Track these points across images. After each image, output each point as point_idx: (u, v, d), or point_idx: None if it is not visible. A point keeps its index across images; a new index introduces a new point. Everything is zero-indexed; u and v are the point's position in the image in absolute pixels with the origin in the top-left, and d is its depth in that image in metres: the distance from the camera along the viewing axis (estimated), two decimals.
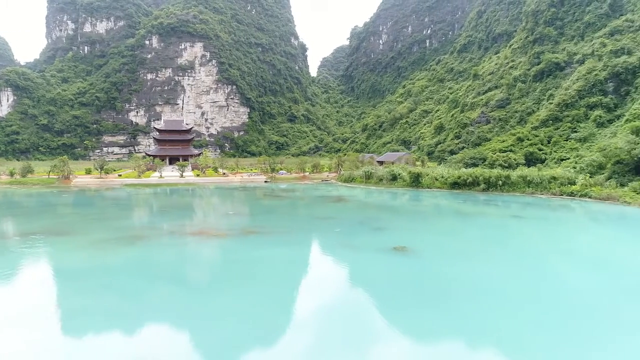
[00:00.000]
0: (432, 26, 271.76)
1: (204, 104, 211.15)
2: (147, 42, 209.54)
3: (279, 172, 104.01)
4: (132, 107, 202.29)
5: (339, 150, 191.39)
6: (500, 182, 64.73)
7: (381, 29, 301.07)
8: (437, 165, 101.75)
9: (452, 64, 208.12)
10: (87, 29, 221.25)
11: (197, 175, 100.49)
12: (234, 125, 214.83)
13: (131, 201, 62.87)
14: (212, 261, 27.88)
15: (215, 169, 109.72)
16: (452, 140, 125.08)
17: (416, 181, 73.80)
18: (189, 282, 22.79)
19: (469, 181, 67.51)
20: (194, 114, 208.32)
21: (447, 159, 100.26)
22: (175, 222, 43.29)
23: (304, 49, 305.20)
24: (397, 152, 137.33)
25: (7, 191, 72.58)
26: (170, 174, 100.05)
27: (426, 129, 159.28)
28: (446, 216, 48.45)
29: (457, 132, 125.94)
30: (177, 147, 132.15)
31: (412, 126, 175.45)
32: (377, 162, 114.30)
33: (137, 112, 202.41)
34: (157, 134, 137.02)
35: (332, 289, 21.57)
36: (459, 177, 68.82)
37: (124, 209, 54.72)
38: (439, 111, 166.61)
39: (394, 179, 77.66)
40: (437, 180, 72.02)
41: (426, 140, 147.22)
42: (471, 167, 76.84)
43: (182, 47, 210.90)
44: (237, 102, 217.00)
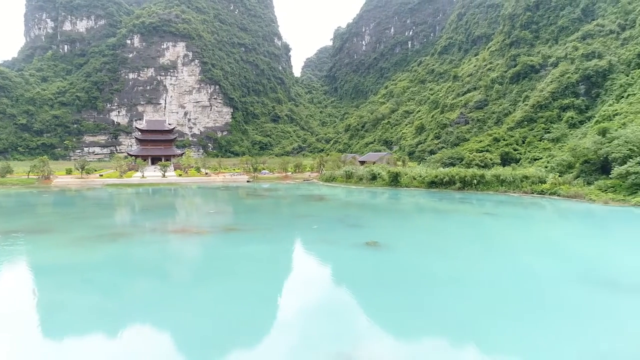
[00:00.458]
0: (414, 28, 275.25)
1: (186, 103, 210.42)
2: (128, 42, 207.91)
3: (262, 171, 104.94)
4: (114, 107, 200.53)
5: (322, 150, 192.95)
6: (475, 181, 66.92)
7: (364, 30, 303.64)
8: (418, 165, 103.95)
9: (433, 65, 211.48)
10: (67, 27, 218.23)
11: (180, 175, 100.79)
12: (217, 125, 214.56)
13: (113, 201, 63.20)
14: (194, 257, 28.90)
15: (197, 169, 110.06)
16: (432, 140, 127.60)
17: (395, 180, 75.59)
18: (170, 278, 23.79)
19: (445, 180, 69.56)
20: (177, 113, 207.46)
21: (426, 159, 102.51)
22: (157, 220, 44.07)
23: (287, 49, 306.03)
24: (379, 152, 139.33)
25: None
26: (152, 174, 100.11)
27: (407, 130, 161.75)
28: (421, 214, 50.23)
29: (437, 133, 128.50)
30: (160, 147, 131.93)
31: (394, 126, 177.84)
32: (359, 162, 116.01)
33: (118, 111, 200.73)
34: (139, 134, 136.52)
35: (307, 281, 22.87)
36: (436, 177, 70.85)
37: (106, 209, 55.14)
38: (420, 112, 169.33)
39: (374, 178, 79.37)
40: (415, 179, 73.97)
41: (407, 140, 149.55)
42: (449, 167, 78.90)
43: (165, 46, 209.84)
44: (220, 102, 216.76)
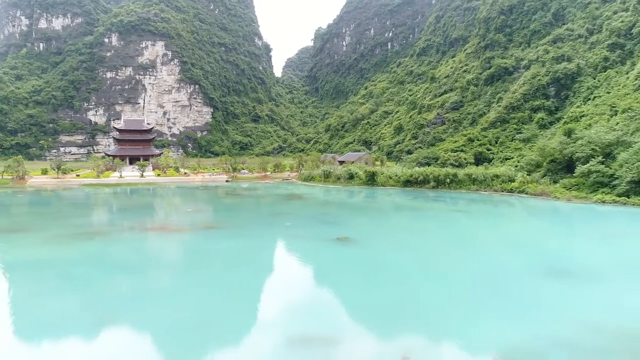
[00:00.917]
0: (394, 29, 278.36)
1: (165, 103, 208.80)
2: (106, 40, 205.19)
3: (241, 171, 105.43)
4: (91, 106, 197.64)
5: (303, 150, 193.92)
6: (448, 180, 68.97)
7: (344, 31, 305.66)
8: (395, 164, 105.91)
9: (412, 66, 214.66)
10: (43, 25, 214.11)
11: (158, 175, 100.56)
12: (197, 125, 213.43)
13: (90, 200, 63.11)
14: (172, 253, 29.68)
15: (176, 169, 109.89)
16: (409, 140, 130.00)
17: (371, 180, 77.17)
18: (148, 273, 24.56)
19: (420, 179, 71.44)
20: (156, 113, 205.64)
21: (403, 159, 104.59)
22: (135, 219, 44.50)
23: (268, 49, 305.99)
24: (358, 152, 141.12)
25: None
26: (130, 173, 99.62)
27: (386, 130, 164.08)
28: (393, 211, 51.83)
29: (414, 133, 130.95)
30: (138, 147, 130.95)
31: (373, 127, 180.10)
32: (338, 162, 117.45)
33: (96, 111, 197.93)
34: (117, 133, 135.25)
35: (276, 272, 24.03)
36: (411, 176, 72.68)
37: (83, 208, 55.17)
38: (398, 112, 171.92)
39: (351, 177, 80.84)
40: (391, 178, 75.67)
41: (386, 140, 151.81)
42: (424, 166, 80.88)
43: (143, 45, 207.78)
44: (200, 102, 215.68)
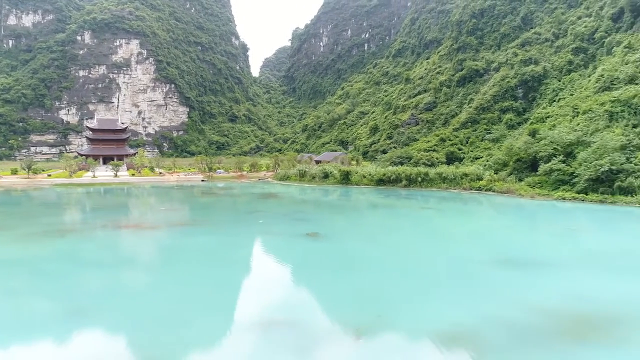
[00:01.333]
0: (370, 30, 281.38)
1: (140, 102, 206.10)
2: (79, 38, 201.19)
3: (217, 171, 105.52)
4: (63, 105, 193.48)
5: (280, 150, 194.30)
6: (419, 179, 70.95)
7: (322, 32, 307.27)
8: (370, 164, 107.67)
9: (388, 67, 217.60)
10: (12, 21, 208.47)
11: (133, 174, 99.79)
12: (172, 124, 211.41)
13: (62, 200, 62.55)
14: (144, 249, 30.23)
15: (151, 169, 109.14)
16: (384, 140, 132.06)
17: (346, 179, 78.61)
18: (120, 268, 25.10)
19: (392, 178, 73.22)
20: (130, 112, 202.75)
21: (378, 158, 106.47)
22: (108, 217, 44.57)
23: (245, 48, 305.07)
24: (335, 152, 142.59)
25: None
26: (104, 173, 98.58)
27: (362, 130, 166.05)
28: (365, 208, 53.28)
29: (389, 133, 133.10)
30: (112, 146, 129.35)
31: (350, 127, 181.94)
32: (315, 161, 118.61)
33: (68, 110, 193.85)
34: (90, 133, 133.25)
35: (247, 265, 24.97)
36: (384, 175, 74.42)
37: (54, 208, 54.79)
38: (374, 113, 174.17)
39: (326, 176, 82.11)
40: (365, 177, 77.26)
41: (362, 140, 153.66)
42: (398, 166, 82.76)
43: (117, 43, 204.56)
44: (175, 101, 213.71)
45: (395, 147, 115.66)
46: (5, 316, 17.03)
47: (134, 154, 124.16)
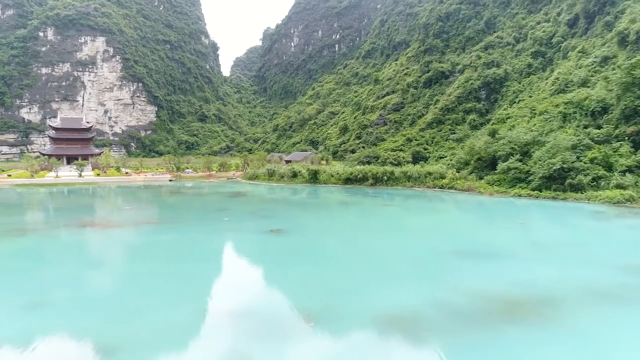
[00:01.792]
0: (341, 31, 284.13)
1: (107, 101, 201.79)
2: (41, 34, 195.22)
3: (185, 170, 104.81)
4: (24, 104, 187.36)
5: (251, 150, 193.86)
6: (385, 178, 72.76)
7: (292, 32, 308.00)
8: (340, 163, 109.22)
9: (358, 68, 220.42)
10: None
11: (98, 174, 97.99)
12: (140, 124, 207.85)
13: (23, 200, 61.13)
14: (107, 246, 30.28)
15: (117, 169, 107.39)
16: (354, 140, 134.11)
17: (314, 178, 79.70)
18: (81, 264, 25.24)
19: (359, 177, 74.78)
20: (96, 111, 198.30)
21: (346, 158, 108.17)
22: (71, 217, 44.05)
23: (215, 47, 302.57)
24: (305, 151, 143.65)
25: None
26: (67, 173, 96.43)
27: (332, 130, 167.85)
28: (330, 206, 54.46)
29: (358, 133, 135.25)
30: (76, 146, 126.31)
31: (320, 127, 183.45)
32: (285, 161, 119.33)
33: (30, 108, 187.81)
34: (54, 132, 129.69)
35: (209, 259, 25.55)
36: (351, 174, 75.90)
37: (14, 207, 53.58)
38: (344, 113, 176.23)
39: (294, 175, 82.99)
40: (333, 176, 78.56)
41: (332, 140, 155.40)
42: (365, 165, 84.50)
43: (82, 40, 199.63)
44: (143, 100, 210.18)
45: (364, 147, 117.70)
46: None
47: (100, 154, 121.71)
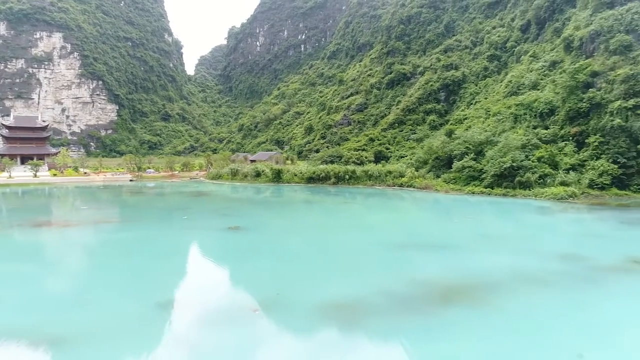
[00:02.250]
0: (307, 32, 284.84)
1: (64, 99, 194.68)
2: None
3: (147, 170, 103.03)
4: None
5: (216, 150, 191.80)
6: (347, 177, 74.17)
7: (258, 31, 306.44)
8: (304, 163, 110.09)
9: (323, 69, 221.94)
10: None
11: (55, 175, 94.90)
12: (100, 123, 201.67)
13: None
14: (60, 244, 29.90)
15: (75, 169, 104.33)
16: (318, 140, 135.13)
17: (277, 177, 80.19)
18: (32, 261, 24.97)
19: (322, 176, 75.87)
20: (53, 110, 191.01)
21: (310, 157, 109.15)
22: (24, 216, 42.90)
23: (178, 46, 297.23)
24: (270, 151, 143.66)
25: None
26: (22, 174, 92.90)
27: (298, 130, 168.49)
28: (291, 204, 55.23)
29: (323, 133, 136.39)
30: (31, 145, 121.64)
31: (286, 127, 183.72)
32: (250, 161, 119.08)
33: None
34: (7, 131, 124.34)
35: (164, 255, 25.79)
36: (314, 173, 76.90)
37: None
38: (309, 113, 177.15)
39: (258, 175, 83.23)
40: (296, 175, 79.32)
41: (297, 140, 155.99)
42: (328, 164, 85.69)
43: (38, 36, 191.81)
44: (103, 99, 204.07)
45: (328, 147, 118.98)
46: None
47: (56, 154, 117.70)
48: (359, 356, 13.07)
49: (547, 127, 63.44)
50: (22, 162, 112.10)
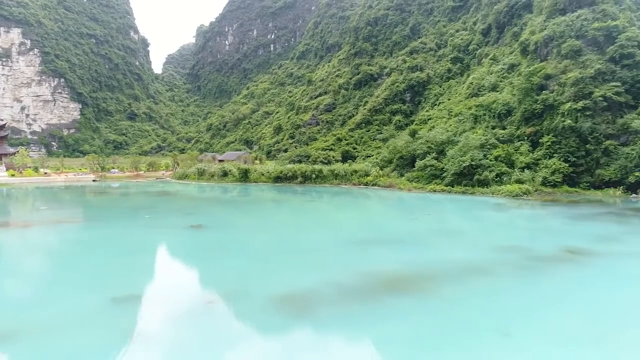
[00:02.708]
0: (276, 32, 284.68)
1: (24, 97, 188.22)
2: None
3: (111, 170, 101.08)
4: None
5: (183, 149, 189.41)
6: (314, 176, 75.12)
7: (227, 30, 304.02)
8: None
9: (292, 69, 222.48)
10: None
11: (13, 175, 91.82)
12: (62, 122, 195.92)
13: None
14: (17, 244, 29.42)
15: (35, 169, 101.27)
16: (287, 140, 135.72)
17: (245, 176, 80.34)
18: None
19: (289, 175, 76.55)
20: (12, 108, 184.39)
21: (278, 157, 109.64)
22: None
23: (145, 43, 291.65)
24: (239, 151, 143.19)
25: None
26: None
27: (267, 130, 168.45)
28: (257, 203, 55.68)
29: (292, 133, 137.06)
30: None
31: (255, 127, 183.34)
32: (218, 160, 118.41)
33: None
34: None
35: (125, 253, 25.89)
36: (281, 172, 77.49)
37: None
38: (279, 113, 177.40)
39: (225, 175, 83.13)
40: (263, 175, 79.71)
41: (266, 140, 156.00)
42: (296, 164, 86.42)
43: None
44: (66, 97, 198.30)
45: (296, 147, 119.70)
46: None
47: (14, 153, 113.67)
48: (307, 340, 13.89)
49: (504, 128, 66.13)
50: None
